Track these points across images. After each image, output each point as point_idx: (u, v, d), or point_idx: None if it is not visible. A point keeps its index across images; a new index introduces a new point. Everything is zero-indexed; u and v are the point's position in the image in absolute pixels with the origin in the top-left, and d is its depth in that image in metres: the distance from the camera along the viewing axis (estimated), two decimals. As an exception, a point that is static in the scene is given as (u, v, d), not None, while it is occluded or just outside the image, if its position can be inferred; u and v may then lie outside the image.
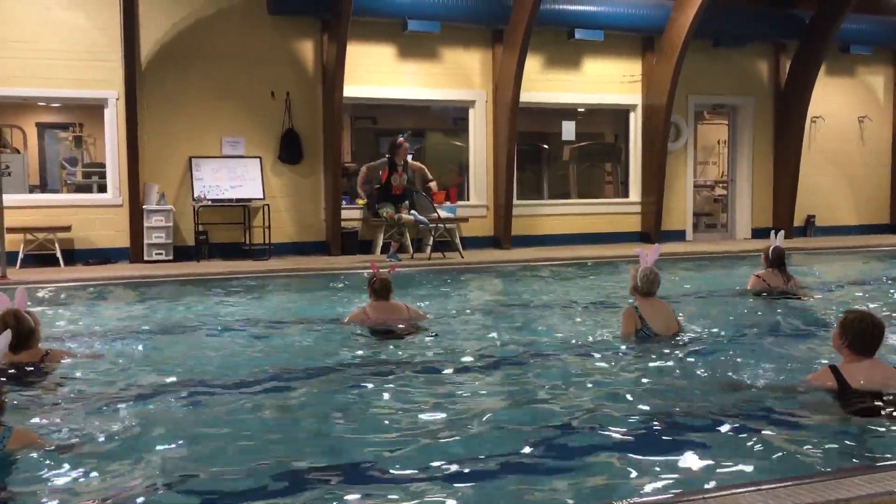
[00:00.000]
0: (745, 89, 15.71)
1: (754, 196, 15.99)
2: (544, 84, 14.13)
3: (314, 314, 7.43)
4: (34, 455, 3.38)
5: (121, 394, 4.56)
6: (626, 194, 15.44)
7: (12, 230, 10.57)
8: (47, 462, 3.37)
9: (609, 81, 14.67)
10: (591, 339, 6.07)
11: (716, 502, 2.71)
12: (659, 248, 6.21)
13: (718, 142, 17.64)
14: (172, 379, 4.90)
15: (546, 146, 16.13)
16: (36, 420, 4.04)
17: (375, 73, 13.18)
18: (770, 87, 15.91)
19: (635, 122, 15.05)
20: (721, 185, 16.85)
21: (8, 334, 3.62)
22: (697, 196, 16.30)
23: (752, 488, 2.83)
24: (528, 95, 13.53)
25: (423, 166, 12.23)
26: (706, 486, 3.06)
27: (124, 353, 5.76)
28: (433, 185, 12.14)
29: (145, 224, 11.65)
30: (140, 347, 6.01)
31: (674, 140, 15.11)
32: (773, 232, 8.27)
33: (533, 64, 13.71)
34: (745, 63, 15.64)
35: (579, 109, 15.32)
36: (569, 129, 15.04)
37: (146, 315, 7.68)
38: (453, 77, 13.71)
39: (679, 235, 15.32)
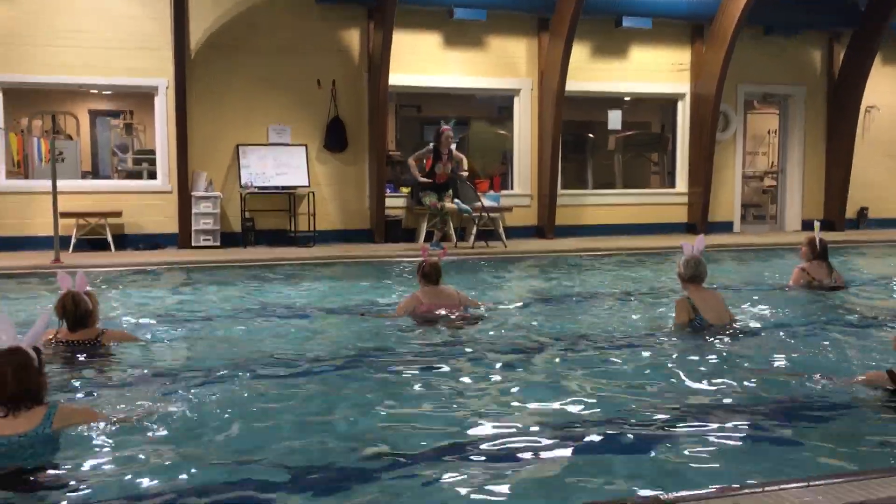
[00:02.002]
0: (797, 78, 15.37)
1: (805, 187, 15.67)
2: (590, 73, 14.00)
3: (359, 301, 7.48)
4: (80, 432, 3.46)
5: (167, 375, 4.65)
6: (672, 185, 15.24)
7: (65, 215, 10.82)
8: (92, 439, 3.45)
9: (657, 70, 14.48)
10: (638, 329, 6.02)
11: (761, 496, 2.67)
12: (704, 238, 6.13)
13: (769, 132, 17.29)
14: (216, 362, 4.97)
15: (591, 135, 15.99)
16: (84, 396, 4.15)
17: (421, 61, 13.18)
18: (823, 76, 15.55)
19: (683, 112, 14.83)
20: (771, 175, 16.54)
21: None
22: (746, 187, 16.02)
23: (801, 484, 2.78)
24: (573, 84, 13.41)
25: (462, 156, 12.22)
26: (753, 481, 3.02)
27: (171, 336, 5.87)
28: (465, 173, 12.07)
29: (193, 210, 11.83)
30: (186, 331, 6.12)
31: (722, 130, 14.87)
32: (815, 223, 8.12)
33: (579, 52, 13.58)
34: (797, 51, 15.30)
35: (626, 98, 15.16)
36: (615, 119, 14.89)
37: (193, 300, 7.82)
38: (499, 65, 13.65)
39: (726, 227, 15.09)
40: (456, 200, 11.82)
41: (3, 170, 11.58)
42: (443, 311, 6.23)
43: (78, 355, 4.92)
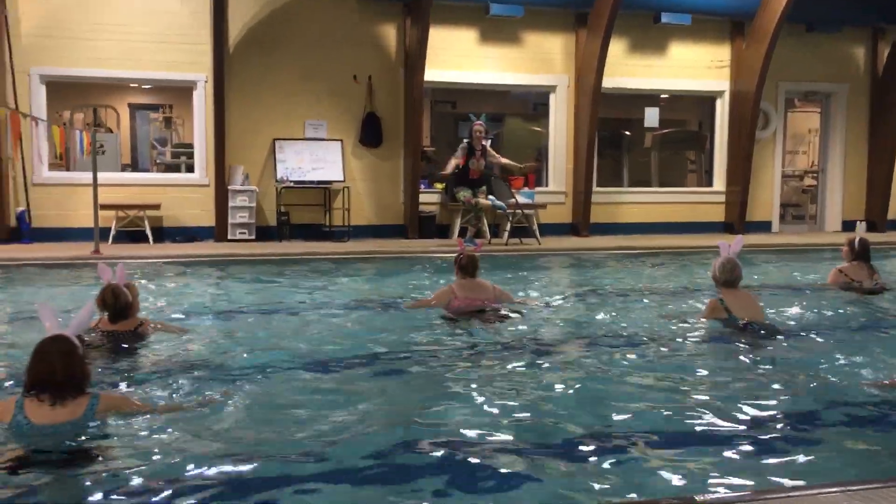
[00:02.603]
0: (839, 76, 15.09)
1: (846, 187, 15.39)
2: (628, 69, 13.88)
3: (393, 296, 7.51)
4: (121, 422, 3.51)
5: (203, 366, 4.71)
6: (710, 183, 15.06)
7: (105, 207, 10.99)
8: (133, 429, 3.50)
9: (695, 67, 14.31)
10: (671, 329, 5.95)
11: (796, 501, 2.63)
12: (742, 238, 6.05)
13: (809, 130, 17.01)
14: (251, 355, 5.03)
15: (627, 133, 15.86)
16: (124, 386, 4.22)
17: (456, 56, 13.18)
18: (866, 74, 15.25)
19: (722, 109, 14.65)
20: (811, 175, 16.27)
21: (90, 307, 3.78)
22: (785, 186, 15.78)
23: (838, 488, 2.73)
24: (610, 81, 13.31)
25: (497, 155, 12.18)
26: (788, 485, 2.98)
27: (207, 328, 5.95)
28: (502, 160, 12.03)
29: (230, 204, 11.96)
30: (221, 323, 6.19)
31: (762, 128, 14.66)
32: (857, 223, 7.94)
33: (617, 48, 13.48)
34: (839, 48, 15.02)
35: (663, 96, 15.01)
36: (652, 116, 14.76)
37: (228, 292, 7.91)
38: (535, 61, 13.60)
39: (765, 226, 14.88)
40: (490, 197, 11.81)
41: (45, 162, 11.80)
42: (476, 306, 6.22)
43: (118, 345, 5.01)
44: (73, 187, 11.73)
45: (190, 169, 13.12)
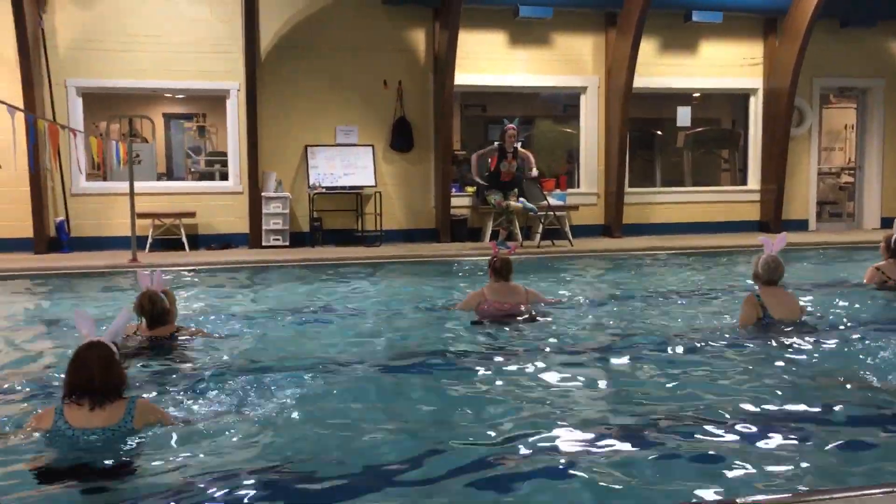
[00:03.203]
0: (875, 71, 14.83)
1: (884, 183, 15.11)
2: (659, 68, 13.78)
3: (425, 300, 7.53)
4: (157, 428, 3.55)
5: (240, 372, 4.73)
6: (744, 182, 14.89)
7: (142, 216, 11.16)
8: (168, 434, 3.54)
9: (727, 65, 14.17)
10: (706, 329, 5.90)
11: (838, 503, 2.59)
12: (786, 236, 5.96)
13: (845, 126, 16.72)
14: (287, 360, 5.06)
15: (659, 132, 15.74)
16: (160, 391, 4.27)
17: (486, 60, 13.19)
18: (904, 68, 14.98)
19: (755, 107, 14.49)
20: (847, 172, 15.99)
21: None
22: (821, 184, 15.54)
23: (881, 490, 2.69)
24: (641, 80, 13.23)
25: (529, 154, 12.14)
26: (827, 486, 2.94)
27: (243, 334, 6.00)
28: (534, 172, 12.00)
29: (263, 211, 12.07)
30: (257, 329, 6.24)
31: (797, 125, 14.46)
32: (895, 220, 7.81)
33: (647, 48, 13.39)
34: (875, 43, 14.76)
35: (695, 94, 14.87)
36: (684, 115, 14.63)
37: (263, 298, 7.99)
38: (565, 63, 13.56)
39: (801, 225, 14.66)
40: (521, 199, 11.79)
41: (83, 172, 12.01)
42: (506, 310, 6.21)
43: (155, 351, 5.09)
44: (110, 197, 11.93)
45: (224, 177, 13.27)
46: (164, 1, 12.02)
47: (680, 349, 5.26)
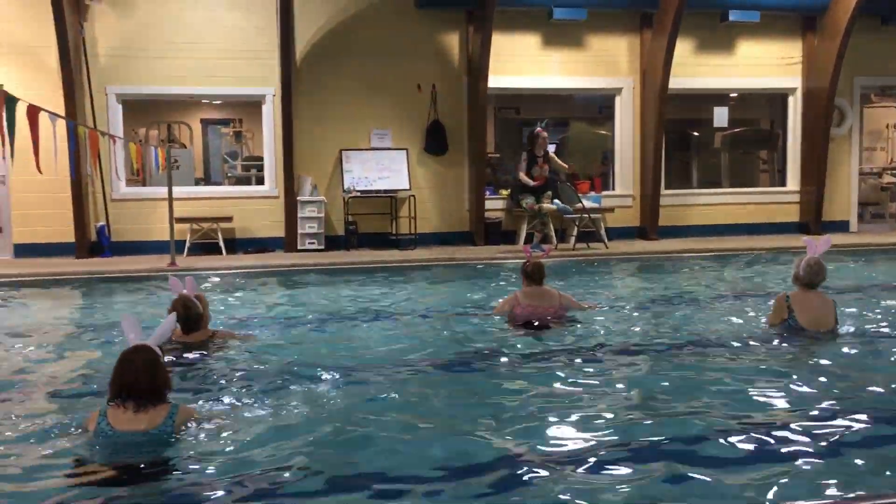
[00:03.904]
0: (918, 68, 14.53)
1: (928, 184, 14.80)
2: (695, 69, 13.64)
3: (459, 303, 7.53)
4: (197, 431, 3.61)
5: (275, 375, 4.79)
6: (783, 183, 14.67)
7: (180, 220, 11.31)
8: (206, 438, 3.60)
9: (765, 65, 13.97)
10: (741, 334, 5.81)
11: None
12: (830, 239, 5.84)
13: (887, 126, 16.41)
14: (322, 363, 5.09)
15: (695, 133, 15.57)
16: (197, 395, 4.32)
17: (520, 62, 13.16)
18: (948, 66, 14.64)
19: (794, 107, 14.27)
20: (889, 172, 15.68)
21: (172, 319, 3.90)
22: (863, 184, 15.23)
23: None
24: (677, 81, 13.10)
25: (554, 157, 12.11)
26: (856, 493, 2.89)
27: (279, 337, 6.06)
28: (564, 168, 11.98)
29: (299, 214, 12.17)
30: (293, 332, 6.30)
31: (837, 125, 14.20)
32: None
33: (683, 48, 13.26)
34: (919, 40, 14.46)
35: (732, 95, 14.69)
36: (721, 116, 14.45)
37: (299, 302, 8.05)
38: (599, 64, 13.48)
39: (842, 226, 14.40)
40: (555, 201, 11.75)
41: (123, 178, 12.21)
42: (539, 314, 6.19)
43: (191, 356, 5.14)
44: (149, 202, 12.11)
45: (260, 181, 13.40)
46: (202, 9, 12.20)
47: (712, 355, 5.20)
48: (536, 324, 6.05)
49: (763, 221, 14.03)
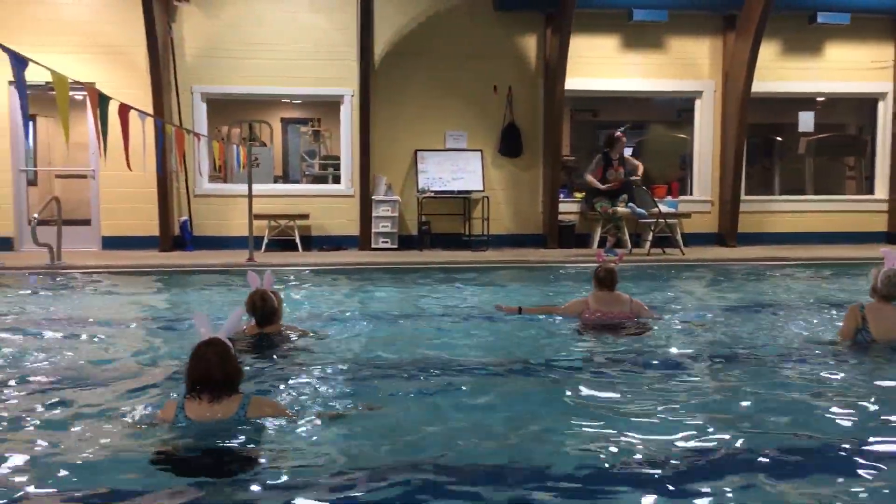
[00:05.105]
0: None
1: None
2: (780, 72, 13.27)
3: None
4: (268, 422, 3.70)
5: (345, 372, 4.87)
6: (870, 191, 14.15)
7: (259, 217, 11.60)
8: (279, 428, 3.68)
9: (854, 68, 13.49)
10: (817, 347, 5.62)
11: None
12: None
13: None
14: (391, 361, 5.16)
15: (779, 138, 15.13)
16: (269, 387, 4.42)
17: (598, 64, 13.04)
18: None
19: (885, 112, 13.74)
20: None
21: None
22: (958, 193, 14.54)
23: None
24: (760, 85, 12.78)
25: (637, 162, 11.95)
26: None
27: (350, 334, 6.14)
28: (639, 172, 11.84)
29: (373, 214, 12.33)
30: (364, 329, 6.38)
31: (930, 131, 13.61)
32: None
33: (767, 51, 12.91)
34: None
35: (818, 99, 14.23)
36: (806, 120, 14.02)
37: (371, 299, 8.15)
38: (679, 67, 13.24)
39: (933, 237, 13.79)
40: (630, 205, 11.59)
41: (206, 175, 12.59)
42: (609, 320, 6.12)
43: (264, 349, 5.26)
44: (230, 198, 12.46)
45: (336, 180, 13.63)
46: (284, 11, 12.48)
47: (781, 367, 5.04)
48: (606, 329, 5.99)
49: (849, 230, 13.55)
